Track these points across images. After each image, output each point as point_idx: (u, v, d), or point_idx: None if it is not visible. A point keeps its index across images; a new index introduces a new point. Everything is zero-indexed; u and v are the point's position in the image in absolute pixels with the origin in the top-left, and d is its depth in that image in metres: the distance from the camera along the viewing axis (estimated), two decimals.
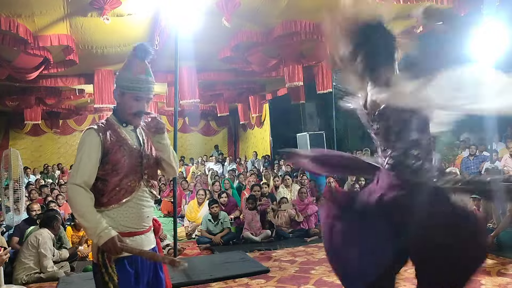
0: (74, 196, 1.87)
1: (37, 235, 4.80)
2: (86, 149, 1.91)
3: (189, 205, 7.71)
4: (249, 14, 6.25)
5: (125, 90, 2.00)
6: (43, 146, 15.58)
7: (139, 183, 1.99)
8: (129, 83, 1.99)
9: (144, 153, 2.05)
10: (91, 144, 1.92)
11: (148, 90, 2.02)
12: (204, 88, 10.58)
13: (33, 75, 7.77)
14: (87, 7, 5.66)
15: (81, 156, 1.91)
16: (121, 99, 2.02)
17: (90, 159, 1.90)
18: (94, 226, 1.84)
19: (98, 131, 1.94)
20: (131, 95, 1.99)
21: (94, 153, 1.91)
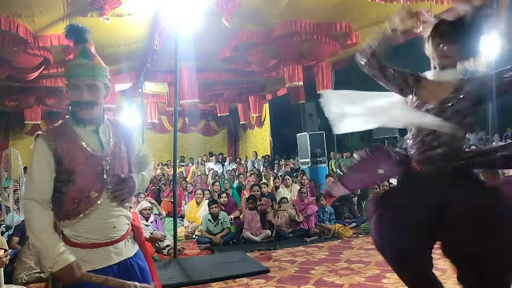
0: (28, 212, 1.66)
1: None
2: (35, 160, 1.69)
3: (188, 206, 7.72)
4: (249, 14, 6.25)
5: (67, 80, 1.77)
6: None
7: (100, 194, 1.73)
8: (67, 71, 1.78)
9: (106, 159, 1.76)
10: (40, 153, 1.69)
11: (84, 74, 1.73)
12: (204, 88, 10.57)
13: (33, 75, 7.77)
14: (87, 7, 5.66)
15: (31, 168, 1.69)
16: (67, 92, 1.79)
17: (41, 170, 1.68)
18: (50, 249, 1.62)
19: (46, 137, 1.71)
20: (70, 84, 1.76)
21: (44, 163, 1.68)
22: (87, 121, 1.77)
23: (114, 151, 1.81)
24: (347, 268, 4.56)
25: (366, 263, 4.72)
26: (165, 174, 13.11)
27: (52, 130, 1.75)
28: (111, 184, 1.76)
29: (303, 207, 6.82)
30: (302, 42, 7.32)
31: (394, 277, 4.07)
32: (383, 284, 3.92)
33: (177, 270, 4.66)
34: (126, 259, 1.79)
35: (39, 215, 1.65)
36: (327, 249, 5.63)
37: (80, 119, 1.76)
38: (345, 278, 4.17)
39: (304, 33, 6.85)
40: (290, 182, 8.28)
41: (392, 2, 5.63)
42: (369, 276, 4.19)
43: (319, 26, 6.86)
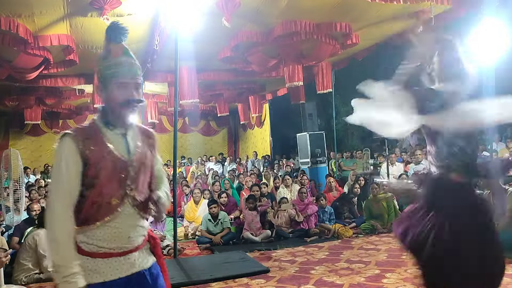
0: (53, 219, 1.55)
1: (34, 236, 4.79)
2: (63, 160, 1.58)
3: (187, 205, 7.72)
4: (249, 14, 6.25)
5: (107, 80, 1.66)
6: (43, 146, 15.55)
7: (122, 201, 1.64)
8: (110, 70, 1.66)
9: (132, 165, 1.68)
10: (68, 153, 1.59)
11: (133, 73, 1.69)
12: (204, 88, 10.57)
13: (33, 75, 7.77)
14: (87, 7, 5.66)
15: (59, 168, 1.58)
16: (105, 92, 1.68)
17: (69, 171, 1.57)
18: (64, 265, 1.52)
19: (74, 137, 1.61)
20: (115, 83, 1.66)
21: (72, 164, 1.58)
22: (119, 123, 1.69)
23: (140, 158, 1.71)
24: (347, 268, 4.56)
25: (366, 263, 4.72)
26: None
27: (80, 130, 1.66)
28: (135, 193, 1.68)
29: (303, 207, 6.83)
30: (302, 42, 7.32)
31: (394, 277, 4.08)
32: (383, 284, 3.92)
33: (177, 270, 4.66)
34: (139, 271, 1.68)
35: (64, 224, 1.55)
36: (327, 249, 5.63)
37: (113, 120, 1.69)
38: (345, 278, 4.17)
39: (304, 33, 6.85)
40: (290, 182, 8.28)
41: (392, 2, 5.63)
42: (369, 276, 4.19)
43: (319, 26, 6.86)
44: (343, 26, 6.87)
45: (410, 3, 5.75)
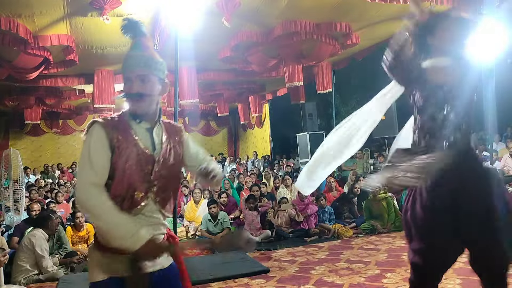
0: (91, 198, 1.53)
1: (30, 237, 4.78)
2: (93, 145, 1.57)
3: (187, 205, 7.72)
4: (249, 14, 6.25)
5: (122, 73, 1.69)
6: (43, 146, 15.57)
7: (145, 196, 1.62)
8: (121, 66, 1.69)
9: (157, 160, 1.66)
10: (99, 139, 1.58)
11: (136, 65, 1.65)
12: (204, 88, 10.57)
13: (33, 75, 7.77)
14: (87, 7, 5.66)
15: (89, 152, 1.56)
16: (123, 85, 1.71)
17: (100, 155, 1.56)
18: (124, 228, 1.50)
19: (103, 125, 1.60)
20: (124, 77, 1.68)
21: (102, 149, 1.57)
22: (141, 116, 1.67)
23: (165, 154, 1.69)
24: (347, 268, 4.56)
25: (366, 263, 4.71)
26: None
27: (109, 120, 1.65)
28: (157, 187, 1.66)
29: (303, 207, 6.82)
30: (302, 42, 7.32)
31: (394, 277, 4.08)
32: (383, 284, 3.92)
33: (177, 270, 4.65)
34: (159, 270, 1.66)
35: (101, 198, 1.52)
36: (327, 249, 5.63)
37: (134, 113, 1.67)
38: (345, 278, 4.17)
39: (304, 33, 6.85)
40: (290, 182, 8.28)
41: (392, 2, 5.63)
42: (369, 276, 4.19)
43: (319, 26, 6.86)
44: (343, 26, 6.87)
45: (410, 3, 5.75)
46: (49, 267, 4.74)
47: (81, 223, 5.92)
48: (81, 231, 5.95)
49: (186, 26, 5.60)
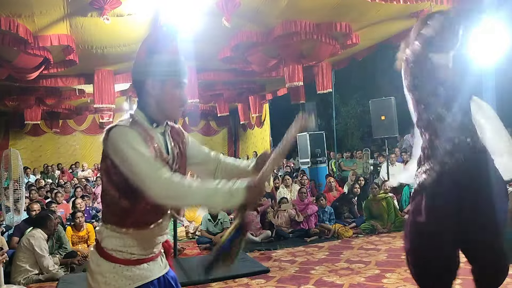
0: (168, 189, 1.40)
1: (29, 237, 4.78)
2: (134, 143, 1.44)
3: None
4: (249, 14, 6.24)
5: (165, 77, 1.54)
6: (43, 146, 15.56)
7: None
8: (169, 67, 1.56)
9: (173, 165, 1.60)
10: (133, 137, 1.46)
11: (186, 73, 1.61)
12: (204, 88, 10.57)
13: (33, 75, 7.76)
14: (87, 7, 5.65)
15: (134, 151, 1.42)
16: (160, 89, 1.55)
17: (146, 148, 1.46)
18: (220, 191, 1.40)
19: (131, 127, 1.49)
20: (173, 82, 1.55)
21: (144, 143, 1.47)
22: (159, 121, 1.60)
23: (177, 158, 1.63)
24: (347, 268, 4.56)
25: (366, 263, 4.71)
26: None
27: (130, 123, 1.53)
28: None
29: (303, 207, 6.82)
30: (302, 42, 7.32)
31: (394, 277, 4.08)
32: (383, 284, 3.92)
33: (177, 270, 4.63)
34: (163, 275, 1.65)
35: (180, 178, 1.42)
36: (327, 249, 5.63)
37: (154, 118, 1.58)
38: (345, 278, 4.17)
39: (304, 33, 6.85)
40: (290, 182, 8.28)
41: (392, 2, 5.63)
42: (369, 276, 4.19)
43: (319, 26, 6.86)
44: (343, 26, 6.87)
45: (410, 3, 5.75)
46: (50, 266, 4.74)
47: (81, 223, 5.92)
48: (81, 231, 5.95)
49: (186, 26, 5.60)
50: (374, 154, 11.46)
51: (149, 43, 1.65)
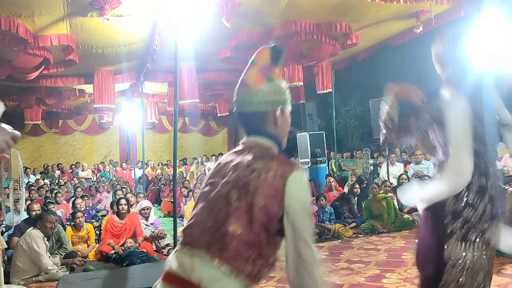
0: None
1: (26, 237, 4.78)
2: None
3: (188, 205, 7.73)
4: (249, 14, 6.24)
5: (286, 106, 1.49)
6: (43, 146, 15.57)
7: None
8: (287, 96, 1.50)
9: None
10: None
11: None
12: (204, 88, 10.58)
13: (33, 75, 7.77)
14: (87, 7, 5.66)
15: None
16: (281, 119, 1.47)
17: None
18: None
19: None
20: (288, 111, 1.51)
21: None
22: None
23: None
24: (347, 268, 4.56)
25: (366, 263, 4.71)
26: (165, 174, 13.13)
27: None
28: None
29: None
30: (302, 42, 7.32)
31: (394, 277, 4.08)
32: (383, 284, 3.92)
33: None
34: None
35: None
36: (327, 249, 5.63)
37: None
38: (345, 278, 4.17)
39: (304, 33, 6.85)
40: None
41: (392, 2, 5.63)
42: (369, 276, 4.19)
43: (319, 26, 6.86)
44: (343, 26, 6.87)
45: (410, 3, 5.75)
46: (49, 266, 4.73)
47: (81, 223, 5.92)
48: (81, 231, 5.95)
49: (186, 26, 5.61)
50: (374, 154, 11.46)
51: (262, 65, 1.51)
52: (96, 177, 13.09)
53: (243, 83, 1.47)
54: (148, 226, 6.27)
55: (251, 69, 1.47)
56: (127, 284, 4.37)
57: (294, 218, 1.29)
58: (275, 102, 1.45)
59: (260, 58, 1.46)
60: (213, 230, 1.29)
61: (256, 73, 1.45)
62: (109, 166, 14.26)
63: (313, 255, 1.33)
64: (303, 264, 1.31)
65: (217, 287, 1.24)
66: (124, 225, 5.79)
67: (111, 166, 14.45)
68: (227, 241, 1.26)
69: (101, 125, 16.06)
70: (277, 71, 1.47)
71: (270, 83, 1.44)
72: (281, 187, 1.28)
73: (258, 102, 1.43)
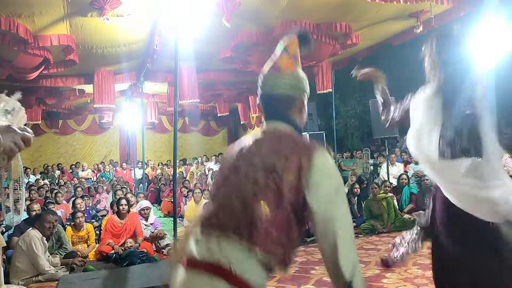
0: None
1: (24, 237, 4.78)
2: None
3: (188, 205, 7.72)
4: (249, 14, 6.24)
5: (307, 96, 1.53)
6: (43, 146, 15.57)
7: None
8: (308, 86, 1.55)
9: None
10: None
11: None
12: (204, 88, 10.57)
13: (33, 75, 7.77)
14: (87, 7, 5.66)
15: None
16: (304, 107, 1.52)
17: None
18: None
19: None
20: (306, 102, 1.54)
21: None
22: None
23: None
24: None
25: (366, 263, 4.71)
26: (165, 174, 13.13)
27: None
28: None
29: None
30: None
31: (394, 277, 4.08)
32: (383, 284, 3.92)
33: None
34: None
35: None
36: None
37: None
38: None
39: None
40: None
41: (392, 2, 5.63)
42: (369, 276, 4.19)
43: (319, 26, 6.86)
44: (343, 26, 6.87)
45: (410, 3, 5.75)
46: (46, 267, 4.72)
47: (81, 223, 5.92)
48: (81, 231, 5.95)
49: (186, 26, 5.61)
50: (374, 154, 11.46)
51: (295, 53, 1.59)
52: (96, 177, 13.09)
53: (276, 67, 1.51)
54: (148, 226, 6.27)
55: (284, 54, 1.51)
56: (127, 284, 4.37)
57: (323, 193, 1.29)
58: (302, 89, 1.50)
59: (291, 46, 1.52)
60: (242, 213, 1.28)
61: (288, 58, 1.51)
62: (109, 166, 14.26)
63: (346, 229, 1.33)
64: (336, 241, 1.29)
65: (246, 270, 1.23)
66: (124, 225, 5.79)
67: (111, 166, 14.45)
68: (257, 223, 1.25)
69: (101, 125, 16.06)
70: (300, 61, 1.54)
71: (299, 70, 1.51)
72: (308, 164, 1.29)
73: (289, 85, 1.48)
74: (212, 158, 14.80)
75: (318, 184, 1.28)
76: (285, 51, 1.52)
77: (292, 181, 1.28)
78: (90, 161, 15.45)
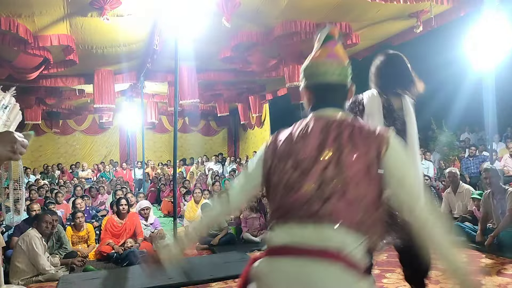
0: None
1: (24, 237, 4.78)
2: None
3: (188, 205, 7.72)
4: (249, 14, 6.24)
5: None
6: (43, 146, 15.58)
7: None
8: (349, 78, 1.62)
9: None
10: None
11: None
12: (204, 88, 10.58)
13: (33, 75, 7.77)
14: (87, 7, 5.66)
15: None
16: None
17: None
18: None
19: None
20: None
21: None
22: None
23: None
24: None
25: None
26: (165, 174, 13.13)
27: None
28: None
29: None
30: (302, 42, 7.31)
31: (394, 277, 4.07)
32: (383, 284, 3.92)
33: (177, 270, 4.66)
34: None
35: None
36: None
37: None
38: None
39: (304, 33, 6.84)
40: None
41: (392, 2, 5.63)
42: None
43: (319, 26, 6.85)
44: (343, 26, 6.86)
45: (410, 3, 5.75)
46: (46, 267, 4.72)
47: (81, 223, 5.92)
48: (81, 231, 5.95)
49: (186, 26, 5.61)
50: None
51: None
52: (96, 177, 13.10)
53: (334, 55, 1.52)
54: (148, 226, 6.27)
55: (339, 44, 1.55)
56: (127, 284, 4.37)
57: (400, 168, 1.35)
58: (350, 79, 1.56)
59: (338, 36, 1.57)
60: (335, 197, 1.28)
61: (343, 48, 1.56)
62: (109, 166, 14.27)
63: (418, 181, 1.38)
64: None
65: (357, 253, 1.26)
66: (124, 225, 5.79)
67: (111, 166, 14.46)
68: (355, 205, 1.27)
69: (101, 125, 16.07)
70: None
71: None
72: (384, 143, 1.35)
73: (345, 74, 1.54)
74: (212, 158, 14.80)
75: (396, 160, 1.34)
76: (336, 40, 1.55)
77: (376, 162, 1.32)
78: (90, 161, 15.45)
